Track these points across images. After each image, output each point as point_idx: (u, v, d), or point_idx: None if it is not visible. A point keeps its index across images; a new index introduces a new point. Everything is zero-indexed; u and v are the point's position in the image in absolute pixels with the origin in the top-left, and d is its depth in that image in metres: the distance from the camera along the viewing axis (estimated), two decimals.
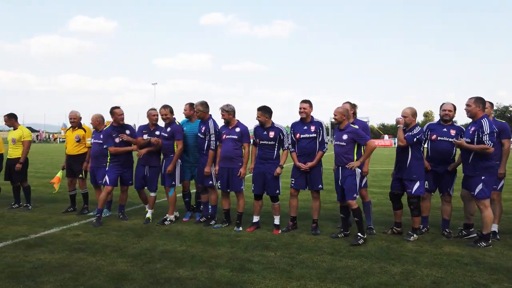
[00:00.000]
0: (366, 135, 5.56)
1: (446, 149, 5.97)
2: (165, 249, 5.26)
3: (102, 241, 5.68)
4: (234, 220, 6.57)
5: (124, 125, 7.07)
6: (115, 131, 6.95)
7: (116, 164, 6.97)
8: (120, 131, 6.96)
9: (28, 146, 8.04)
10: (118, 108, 7.01)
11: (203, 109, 6.60)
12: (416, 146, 5.72)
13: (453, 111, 6.07)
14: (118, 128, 6.98)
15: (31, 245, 5.46)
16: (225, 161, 6.26)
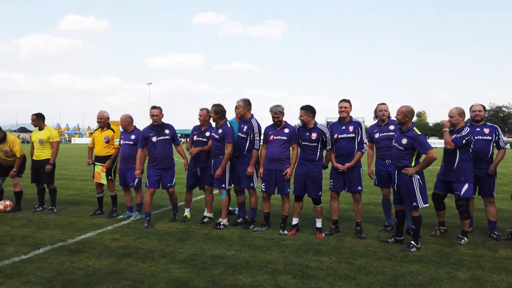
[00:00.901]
0: (427, 143, 5.21)
1: (482, 148, 5.92)
2: (214, 254, 5.10)
3: (145, 245, 5.51)
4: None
5: (163, 125, 6.88)
6: (152, 130, 6.79)
7: (154, 166, 6.80)
8: (158, 130, 6.79)
9: (57, 147, 7.84)
10: (152, 108, 6.84)
11: (244, 106, 6.45)
12: (464, 148, 5.60)
13: (483, 111, 6.11)
14: (157, 127, 6.81)
15: (73, 251, 5.27)
16: (272, 163, 6.08)
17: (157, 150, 6.73)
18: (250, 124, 6.40)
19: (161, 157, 6.74)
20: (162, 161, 6.76)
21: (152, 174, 6.77)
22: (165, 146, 6.78)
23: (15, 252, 5.23)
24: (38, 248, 5.38)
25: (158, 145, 6.73)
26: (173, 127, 6.98)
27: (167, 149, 6.79)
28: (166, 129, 6.84)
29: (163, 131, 6.79)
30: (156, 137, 6.73)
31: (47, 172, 7.67)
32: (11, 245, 5.55)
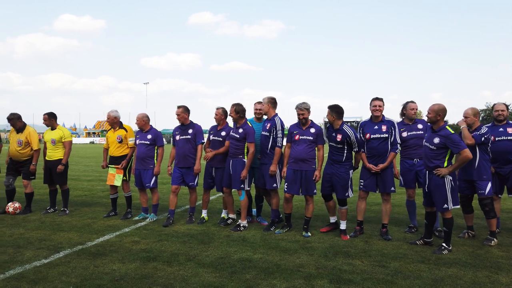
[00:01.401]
0: (461, 142, 5.05)
1: (507, 148, 5.81)
2: (241, 257, 4.95)
3: (167, 248, 5.35)
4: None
5: (189, 124, 6.84)
6: (178, 129, 6.87)
7: (176, 164, 6.85)
8: (183, 129, 6.82)
9: (70, 147, 7.67)
10: (178, 107, 6.84)
11: (268, 103, 6.37)
12: (483, 146, 5.52)
13: (506, 110, 5.98)
14: (182, 126, 6.84)
15: (94, 254, 5.11)
16: (297, 163, 5.92)
17: (178, 148, 6.81)
18: (273, 122, 6.27)
19: (180, 155, 6.76)
20: (181, 159, 6.75)
21: (175, 171, 6.86)
22: (185, 145, 6.74)
23: (35, 256, 5.06)
24: (58, 252, 5.22)
25: (180, 144, 6.78)
26: (199, 127, 6.91)
27: (186, 148, 6.73)
28: (190, 129, 6.81)
29: (186, 131, 6.80)
30: (179, 136, 6.82)
31: (59, 172, 7.50)
32: (29, 248, 5.38)
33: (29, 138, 7.59)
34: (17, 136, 7.58)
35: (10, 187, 7.75)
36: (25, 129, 7.64)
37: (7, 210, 7.43)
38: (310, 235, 5.90)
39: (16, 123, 7.63)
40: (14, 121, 7.61)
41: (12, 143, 7.63)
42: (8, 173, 7.73)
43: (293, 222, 6.46)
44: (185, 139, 6.77)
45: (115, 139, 7.31)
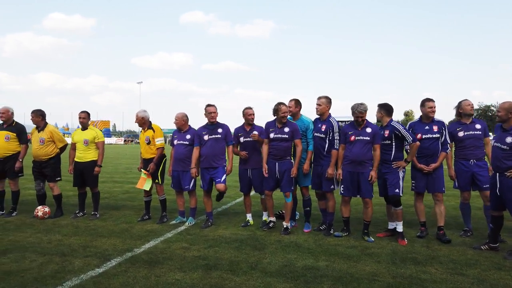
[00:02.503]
0: None
1: None
2: (306, 265, 4.69)
3: (223, 255, 5.08)
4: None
5: (217, 124, 6.57)
6: (206, 129, 6.59)
7: (203, 164, 6.57)
8: (211, 129, 6.54)
9: (103, 148, 7.34)
10: (208, 106, 6.59)
11: (326, 104, 6.11)
12: None
13: None
14: (211, 126, 6.57)
15: (148, 262, 4.82)
16: (354, 165, 5.68)
17: (206, 148, 6.50)
18: (330, 123, 6.03)
19: (208, 155, 6.48)
20: (208, 159, 6.49)
21: (203, 174, 6.59)
22: (215, 145, 6.48)
23: (85, 264, 4.76)
24: (108, 260, 4.92)
25: (208, 144, 6.49)
26: (228, 127, 6.64)
27: (216, 148, 6.48)
28: (219, 128, 6.53)
29: (216, 130, 6.52)
30: (207, 136, 6.50)
31: (95, 174, 7.19)
32: (75, 256, 5.07)
33: (52, 136, 7.27)
34: (39, 135, 7.25)
35: (41, 192, 7.42)
36: (46, 127, 7.32)
37: (36, 214, 7.09)
38: (373, 240, 5.66)
39: (40, 120, 7.29)
40: (37, 118, 7.27)
41: (34, 142, 7.30)
42: (36, 178, 7.39)
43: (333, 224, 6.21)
44: (214, 138, 6.48)
45: (144, 141, 7.01)
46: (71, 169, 7.41)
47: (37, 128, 7.34)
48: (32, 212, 7.29)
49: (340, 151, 5.83)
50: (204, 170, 6.55)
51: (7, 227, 6.60)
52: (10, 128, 7.33)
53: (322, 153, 6.06)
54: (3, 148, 7.22)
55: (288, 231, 6.10)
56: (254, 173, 6.50)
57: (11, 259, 4.96)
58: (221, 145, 6.50)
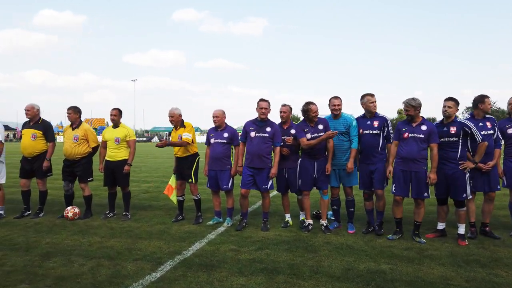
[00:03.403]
0: None
1: None
2: (369, 269, 4.51)
3: (278, 258, 4.88)
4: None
5: (267, 121, 6.22)
6: (254, 125, 6.26)
7: (248, 164, 6.22)
8: (260, 126, 6.21)
9: (135, 146, 7.10)
10: (261, 100, 6.23)
11: (376, 100, 5.93)
12: None
13: None
14: (260, 123, 6.23)
15: (205, 266, 4.61)
16: (407, 163, 5.48)
17: (252, 146, 6.15)
18: (383, 118, 5.88)
19: (254, 155, 6.12)
20: (255, 159, 6.13)
21: (245, 173, 6.22)
22: (261, 144, 6.11)
23: (139, 268, 4.54)
24: (161, 263, 4.71)
25: (255, 141, 6.13)
26: (277, 126, 6.27)
27: (263, 148, 6.11)
28: (268, 127, 6.17)
29: (264, 128, 6.16)
30: (254, 133, 6.15)
31: (125, 173, 6.96)
32: (124, 259, 4.86)
33: (87, 134, 7.03)
34: (73, 133, 7.01)
35: (69, 192, 7.18)
36: (81, 125, 7.08)
37: (66, 215, 6.85)
38: (424, 241, 5.49)
39: (77, 117, 7.06)
40: (75, 115, 7.03)
41: (67, 140, 7.03)
42: (65, 178, 7.14)
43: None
44: (261, 137, 6.14)
45: (177, 140, 6.78)
46: (101, 168, 7.17)
47: (71, 126, 7.08)
48: (56, 212, 7.07)
49: (393, 147, 5.65)
50: (247, 169, 6.23)
51: (39, 229, 6.36)
52: (37, 125, 7.07)
53: (375, 151, 5.86)
54: (30, 147, 6.96)
55: (330, 230, 6.00)
56: (290, 173, 6.30)
57: (58, 263, 4.73)
58: (268, 144, 6.16)
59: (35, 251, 5.17)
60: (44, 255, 5.00)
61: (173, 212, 7.59)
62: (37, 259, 4.87)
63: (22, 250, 5.22)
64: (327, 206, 6.19)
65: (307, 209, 6.26)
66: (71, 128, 7.10)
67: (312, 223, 6.26)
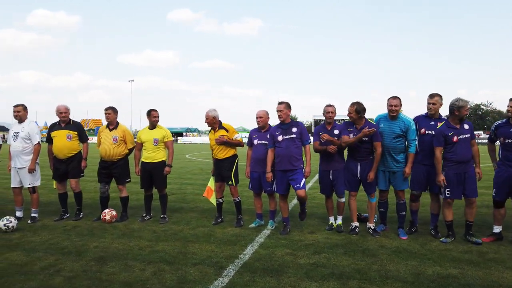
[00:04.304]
0: None
1: None
2: (438, 273, 4.41)
3: (339, 262, 4.77)
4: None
5: (291, 123, 6.09)
6: (279, 129, 6.08)
7: (279, 167, 6.06)
8: (285, 129, 6.03)
9: (173, 147, 6.98)
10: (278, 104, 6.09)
11: (441, 101, 5.80)
12: None
13: None
14: (284, 125, 6.07)
15: (267, 270, 4.50)
16: (460, 165, 5.43)
17: (281, 149, 5.99)
18: (443, 120, 5.79)
19: (284, 157, 5.98)
20: (285, 161, 5.98)
21: (279, 177, 6.09)
22: (290, 145, 5.96)
23: (203, 274, 4.42)
24: (223, 268, 4.60)
25: (283, 144, 5.99)
26: (303, 125, 6.18)
27: (292, 149, 5.96)
28: (293, 127, 6.04)
29: (290, 130, 6.02)
30: (282, 136, 6.01)
31: (165, 175, 6.84)
32: (183, 264, 4.73)
33: (125, 135, 6.91)
34: (111, 133, 6.87)
35: (105, 194, 7.04)
36: (119, 126, 6.95)
37: (104, 217, 6.70)
38: (480, 242, 5.43)
39: (115, 118, 6.93)
40: (114, 115, 6.90)
41: (105, 141, 6.89)
42: (101, 179, 7.00)
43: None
44: (289, 139, 6.00)
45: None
46: (138, 170, 7.03)
47: (108, 126, 6.94)
48: (87, 215, 7.04)
49: (438, 153, 5.54)
50: (281, 173, 6.08)
51: (80, 232, 6.22)
52: (70, 126, 6.95)
53: (432, 152, 5.70)
54: (67, 148, 6.83)
55: (378, 233, 5.95)
56: (336, 175, 6.19)
57: (116, 268, 4.60)
58: (297, 145, 6.03)
59: (87, 256, 5.04)
60: (99, 260, 4.87)
61: (208, 214, 7.51)
62: (93, 263, 4.74)
63: (73, 255, 5.08)
64: (374, 208, 6.11)
65: (353, 211, 6.17)
66: (108, 129, 6.95)
67: (358, 226, 6.17)
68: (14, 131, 6.65)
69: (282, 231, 6.13)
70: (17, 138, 6.58)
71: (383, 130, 5.86)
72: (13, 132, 6.66)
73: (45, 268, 4.59)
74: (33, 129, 6.71)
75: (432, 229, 5.96)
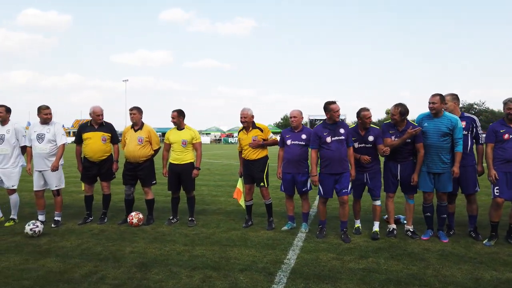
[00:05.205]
0: None
1: None
2: (497, 277, 4.26)
3: (391, 268, 4.60)
4: None
5: (338, 123, 5.80)
6: (326, 129, 5.77)
7: (328, 170, 5.75)
8: (333, 129, 5.73)
9: (201, 148, 6.78)
10: (330, 103, 5.76)
11: (452, 101, 5.78)
12: None
13: None
14: (332, 126, 5.77)
15: (318, 276, 4.33)
16: (509, 164, 5.30)
17: (331, 151, 5.69)
18: (471, 118, 5.70)
19: (334, 159, 5.69)
20: (335, 164, 5.71)
21: (326, 180, 5.80)
22: (340, 147, 5.71)
23: (255, 280, 4.23)
24: (272, 274, 4.42)
25: (333, 146, 5.68)
26: (348, 126, 5.94)
27: (342, 151, 5.71)
28: (341, 128, 5.77)
29: (338, 130, 5.74)
30: (330, 137, 5.71)
31: (193, 177, 6.64)
32: (229, 270, 4.55)
33: (150, 136, 6.70)
34: (136, 134, 6.65)
35: (130, 196, 6.83)
36: (144, 126, 6.74)
37: (131, 221, 6.49)
38: None
39: (140, 118, 6.72)
40: (139, 115, 6.69)
41: (130, 142, 6.67)
42: (127, 182, 6.79)
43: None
44: (338, 140, 5.74)
45: (250, 141, 6.45)
46: (166, 172, 6.83)
47: (133, 127, 6.72)
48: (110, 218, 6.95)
49: (490, 150, 5.44)
50: (328, 176, 5.80)
51: (109, 236, 6.00)
52: (103, 128, 6.74)
53: (464, 152, 5.61)
54: (101, 151, 6.63)
55: (416, 235, 5.80)
56: (371, 177, 5.99)
57: (162, 275, 4.40)
58: (345, 147, 5.79)
59: (126, 262, 4.83)
60: (140, 266, 4.66)
61: (234, 216, 7.36)
62: (135, 270, 4.54)
63: (111, 261, 4.87)
64: (412, 210, 5.96)
65: (391, 213, 6.02)
66: (132, 129, 6.73)
67: (396, 228, 6.01)
68: (38, 133, 6.38)
69: (318, 234, 5.95)
70: (43, 140, 6.33)
71: (428, 129, 5.66)
72: (37, 134, 6.39)
73: (87, 275, 4.38)
74: (60, 130, 6.50)
75: (472, 231, 5.81)
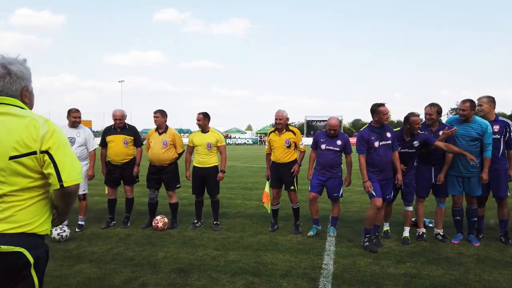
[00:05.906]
0: None
1: None
2: None
3: (432, 273, 4.57)
4: None
5: (385, 126, 5.60)
6: (374, 133, 5.57)
7: (378, 175, 5.57)
8: (380, 133, 5.56)
9: (226, 152, 6.73)
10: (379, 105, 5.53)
11: (488, 103, 5.71)
12: None
13: None
14: (379, 129, 5.57)
15: (363, 282, 4.30)
16: None
17: (379, 156, 5.52)
18: (504, 122, 5.65)
19: (385, 165, 5.56)
20: (387, 170, 5.59)
21: (376, 184, 5.60)
22: (388, 152, 5.58)
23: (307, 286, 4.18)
24: (315, 280, 4.37)
25: (381, 151, 5.49)
26: (393, 129, 5.77)
27: (389, 156, 5.59)
28: (387, 132, 5.62)
29: (385, 134, 5.58)
30: (378, 142, 5.53)
31: (218, 180, 6.59)
32: (269, 275, 4.50)
33: (174, 139, 6.63)
34: (161, 137, 6.58)
35: (154, 200, 6.77)
36: (169, 130, 6.67)
37: (156, 225, 6.42)
38: None
39: (164, 121, 6.65)
40: (162, 118, 6.62)
41: (155, 145, 6.60)
42: (151, 185, 6.72)
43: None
44: (386, 145, 5.54)
45: (283, 144, 6.39)
46: (189, 175, 6.77)
47: (157, 130, 6.65)
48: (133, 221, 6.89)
49: None
50: (376, 182, 5.58)
51: (137, 240, 5.93)
52: (125, 131, 6.67)
53: (496, 156, 5.61)
54: (123, 154, 6.55)
55: (447, 239, 5.79)
56: (405, 181, 5.86)
57: (203, 281, 4.34)
58: (391, 151, 5.64)
59: (162, 267, 4.76)
60: (178, 272, 4.60)
61: (256, 219, 7.30)
62: (174, 276, 4.47)
63: (147, 266, 4.80)
64: (443, 214, 5.92)
65: (421, 216, 5.99)
66: (157, 132, 6.66)
67: (425, 232, 5.99)
68: (68, 136, 6.29)
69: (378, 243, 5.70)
70: (74, 144, 6.24)
71: (457, 133, 5.63)
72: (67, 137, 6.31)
73: (127, 281, 4.31)
74: (90, 135, 6.46)
75: (502, 235, 5.79)
